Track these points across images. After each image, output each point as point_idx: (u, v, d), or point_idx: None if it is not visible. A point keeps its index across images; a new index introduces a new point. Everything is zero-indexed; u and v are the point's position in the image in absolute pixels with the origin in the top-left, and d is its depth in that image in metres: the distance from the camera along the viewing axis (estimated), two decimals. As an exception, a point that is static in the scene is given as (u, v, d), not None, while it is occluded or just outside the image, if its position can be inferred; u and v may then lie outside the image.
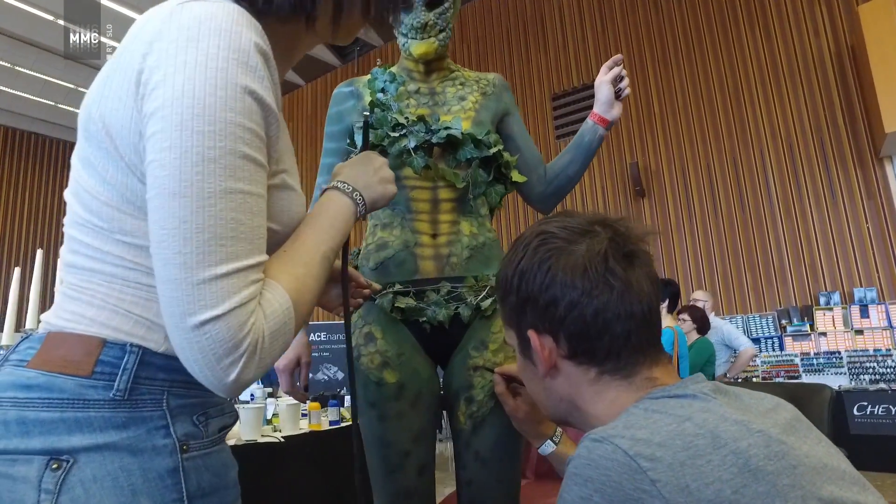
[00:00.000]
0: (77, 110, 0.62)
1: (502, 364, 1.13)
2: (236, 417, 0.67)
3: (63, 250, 0.59)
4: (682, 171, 6.16)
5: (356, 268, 1.25)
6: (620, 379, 0.60)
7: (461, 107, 1.20)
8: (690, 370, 3.14)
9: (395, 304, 1.13)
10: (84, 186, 0.56)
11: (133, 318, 0.54)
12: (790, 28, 5.75)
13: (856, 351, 5.14)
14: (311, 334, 5.44)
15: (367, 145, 0.82)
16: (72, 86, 7.58)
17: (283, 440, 2.07)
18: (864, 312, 5.22)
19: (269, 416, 2.36)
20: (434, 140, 1.12)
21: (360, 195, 0.69)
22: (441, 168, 1.15)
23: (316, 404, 2.30)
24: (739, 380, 4.18)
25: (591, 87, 5.05)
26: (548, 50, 7.16)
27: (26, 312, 1.69)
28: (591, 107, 1.27)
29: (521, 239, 0.66)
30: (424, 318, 1.12)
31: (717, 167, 5.99)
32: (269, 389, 3.22)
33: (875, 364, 5.01)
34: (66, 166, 9.57)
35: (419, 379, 1.15)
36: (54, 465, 0.49)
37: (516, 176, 1.22)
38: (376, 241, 1.20)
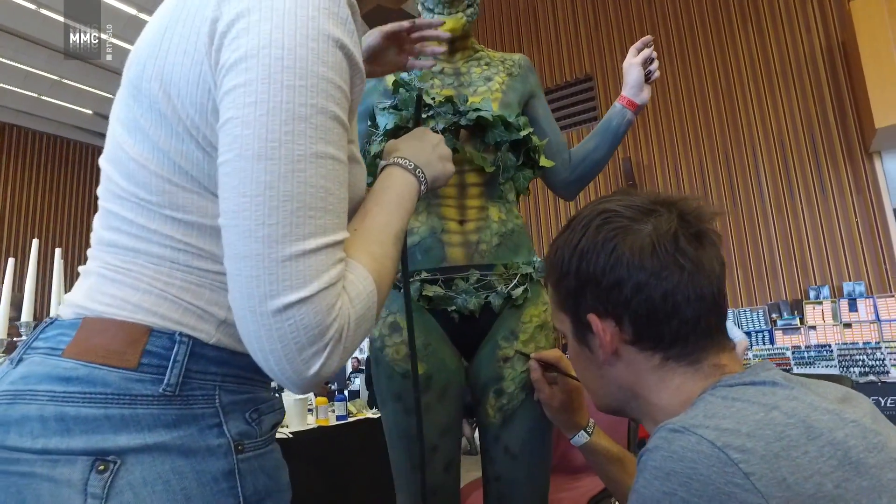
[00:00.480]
0: (61, 103, 0.57)
1: (532, 354, 1.10)
2: (284, 413, 0.62)
3: (97, 226, 0.53)
4: (675, 166, 6.19)
5: None
6: (686, 365, 0.56)
7: (487, 88, 1.16)
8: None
9: (423, 293, 1.09)
10: (129, 153, 0.50)
11: (182, 305, 0.49)
12: (782, 24, 5.79)
13: (845, 344, 5.21)
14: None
15: (419, 120, 0.78)
16: (56, 77, 7.38)
17: (290, 436, 2.02)
18: (853, 306, 5.29)
19: (272, 412, 2.30)
20: (463, 122, 1.08)
21: (423, 172, 0.64)
22: (469, 151, 1.11)
23: (323, 399, 2.25)
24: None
25: (584, 81, 5.05)
26: (540, 44, 7.14)
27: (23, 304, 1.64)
28: (583, 101, 1.25)
29: (577, 218, 0.63)
30: (454, 307, 1.09)
31: (709, 163, 6.02)
32: (275, 384, 3.16)
33: (864, 357, 5.08)
34: (50, 160, 9.36)
35: (447, 370, 1.11)
36: (100, 467, 0.44)
37: (544, 161, 1.19)
38: None
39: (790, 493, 0.41)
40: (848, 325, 5.26)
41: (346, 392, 3.92)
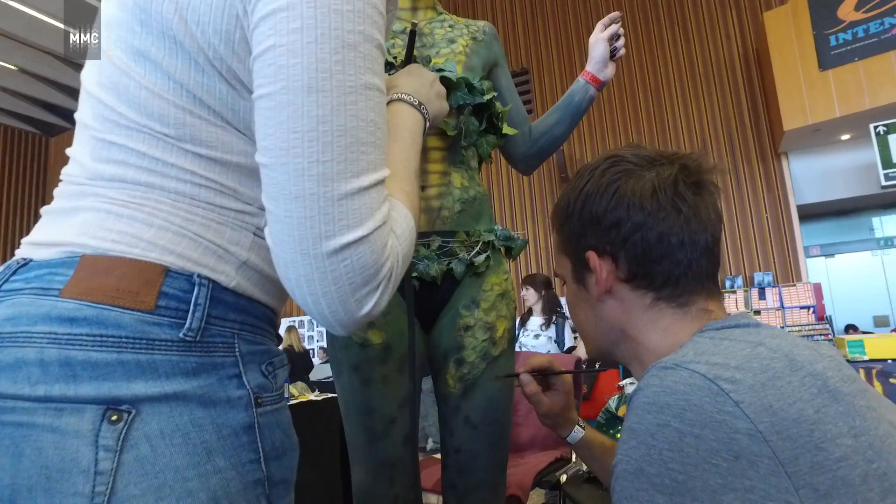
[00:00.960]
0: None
1: (493, 323, 1.09)
2: (290, 369, 0.58)
3: (87, 158, 0.46)
4: (606, 160, 6.43)
5: None
6: (676, 307, 0.58)
7: (451, 50, 1.12)
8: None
9: None
10: (139, 80, 0.44)
11: (203, 244, 0.44)
12: (706, 30, 6.14)
13: (755, 330, 5.64)
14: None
15: (411, 57, 0.74)
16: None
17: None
18: (762, 295, 5.74)
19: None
20: None
21: (426, 109, 0.61)
22: None
23: None
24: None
25: (521, 74, 5.14)
26: (478, 36, 7.18)
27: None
28: (519, 94, 1.25)
29: (586, 166, 0.65)
30: (416, 274, 1.06)
31: (637, 158, 6.30)
32: None
33: (771, 341, 5.52)
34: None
35: (406, 340, 1.08)
36: (113, 417, 0.39)
37: (507, 129, 1.18)
38: None
39: (776, 417, 0.43)
40: (757, 312, 5.70)
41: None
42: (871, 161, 5.16)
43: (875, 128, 5.05)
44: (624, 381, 2.16)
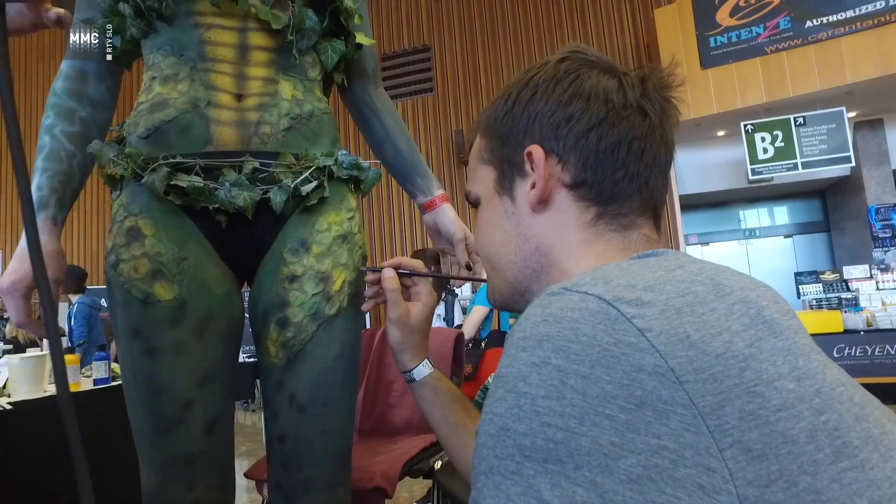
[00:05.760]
0: None
1: (329, 273, 0.85)
2: None
3: None
4: (504, 144, 6.41)
5: (122, 139, 0.86)
6: (616, 230, 0.49)
7: None
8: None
9: (173, 182, 0.78)
10: None
11: None
12: (602, 21, 6.28)
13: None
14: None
15: None
16: None
17: (9, 407, 1.52)
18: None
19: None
20: None
21: None
22: (254, 4, 0.82)
23: (72, 357, 1.72)
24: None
25: (422, 50, 4.94)
26: (380, 10, 6.86)
27: None
28: (419, 71, 1.06)
29: (526, 70, 0.55)
30: (217, 205, 0.79)
31: (534, 143, 6.34)
32: None
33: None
34: None
35: (209, 296, 0.82)
36: None
37: (362, 37, 0.94)
38: (152, 99, 0.83)
39: (694, 351, 0.32)
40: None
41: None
42: (741, 157, 5.54)
43: (745, 126, 5.42)
44: (506, 358, 2.02)
